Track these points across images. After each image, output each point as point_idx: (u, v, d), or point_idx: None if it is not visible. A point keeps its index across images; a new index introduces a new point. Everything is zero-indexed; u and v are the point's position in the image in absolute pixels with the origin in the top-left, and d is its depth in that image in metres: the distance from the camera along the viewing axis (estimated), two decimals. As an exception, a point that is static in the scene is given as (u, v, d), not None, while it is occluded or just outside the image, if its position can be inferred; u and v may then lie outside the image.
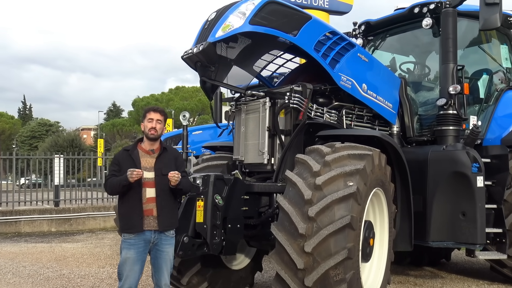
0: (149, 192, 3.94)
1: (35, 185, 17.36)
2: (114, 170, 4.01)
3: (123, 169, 3.90)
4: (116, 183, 3.90)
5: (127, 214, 3.95)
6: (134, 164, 3.91)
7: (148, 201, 3.94)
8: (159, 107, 4.40)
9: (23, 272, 7.47)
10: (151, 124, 4.03)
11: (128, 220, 3.94)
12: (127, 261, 3.92)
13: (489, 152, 5.94)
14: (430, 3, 6.02)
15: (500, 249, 5.77)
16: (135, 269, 3.93)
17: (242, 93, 5.06)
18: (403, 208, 5.14)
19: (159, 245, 4.00)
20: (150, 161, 4.03)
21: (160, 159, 4.05)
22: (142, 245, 3.94)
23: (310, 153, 4.47)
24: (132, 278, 3.92)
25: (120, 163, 4.00)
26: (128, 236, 3.93)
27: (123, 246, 3.95)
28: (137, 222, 3.90)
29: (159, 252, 4.02)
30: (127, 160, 3.98)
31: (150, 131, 4.03)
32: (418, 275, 7.03)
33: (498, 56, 6.61)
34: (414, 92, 6.56)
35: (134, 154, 4.01)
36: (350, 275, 3.92)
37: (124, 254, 3.94)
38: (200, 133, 9.48)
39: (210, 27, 4.55)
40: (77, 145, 40.52)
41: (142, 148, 4.08)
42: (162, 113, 4.12)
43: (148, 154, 4.05)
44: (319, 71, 5.02)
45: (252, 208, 4.79)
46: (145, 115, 4.09)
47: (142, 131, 4.14)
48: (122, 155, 4.08)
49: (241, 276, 5.62)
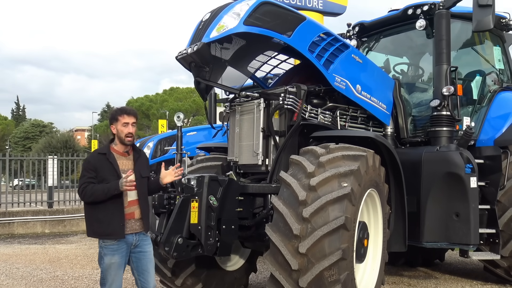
0: (130, 195, 3.86)
1: (29, 187, 17.26)
2: (90, 176, 3.78)
3: (101, 174, 3.78)
4: (100, 192, 3.71)
5: (106, 220, 3.78)
6: (113, 169, 3.81)
7: (130, 204, 3.89)
8: (130, 107, 4.27)
9: (16, 273, 7.43)
10: (127, 129, 3.89)
11: (108, 226, 3.78)
12: (111, 267, 3.82)
13: (482, 153, 5.97)
14: (423, 4, 6.04)
15: (493, 249, 5.79)
16: (119, 274, 3.88)
17: (236, 94, 5.05)
18: (397, 209, 5.15)
19: (141, 246, 3.95)
20: (127, 163, 3.94)
21: (138, 161, 3.99)
22: (125, 249, 3.87)
23: (304, 154, 4.47)
24: (118, 282, 3.87)
25: (97, 168, 3.81)
26: (110, 242, 3.82)
27: (105, 252, 3.82)
28: (119, 229, 3.79)
29: (142, 253, 3.97)
30: (105, 165, 3.83)
31: (127, 137, 3.89)
32: (412, 275, 7.05)
33: (491, 58, 6.65)
34: (408, 93, 6.58)
35: (111, 158, 3.87)
36: (345, 275, 3.92)
37: (108, 260, 3.82)
38: (195, 134, 9.48)
39: (204, 28, 4.55)
40: (71, 146, 40.45)
41: (116, 151, 3.95)
42: (135, 115, 3.99)
43: (123, 156, 3.97)
44: (313, 72, 5.03)
45: (247, 209, 4.78)
46: (118, 118, 3.90)
47: (113, 134, 3.98)
48: (97, 160, 3.89)
49: (236, 277, 5.61)
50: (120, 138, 3.93)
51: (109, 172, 3.81)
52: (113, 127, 3.96)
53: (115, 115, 3.95)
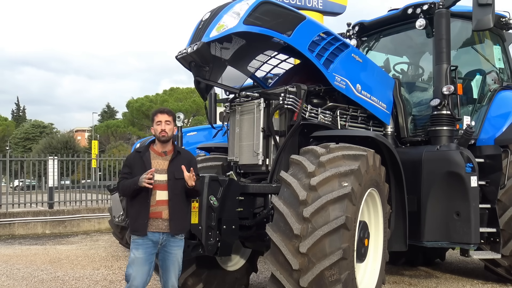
0: (160, 194, 3.92)
1: (29, 187, 17.27)
2: (125, 172, 4.03)
3: (134, 172, 3.93)
4: (126, 187, 3.93)
5: (134, 216, 3.97)
6: (144, 167, 3.91)
7: (158, 204, 3.93)
8: (166, 107, 4.41)
9: (17, 274, 7.42)
10: (160, 127, 4.03)
11: (134, 222, 3.96)
12: (135, 261, 3.92)
13: (483, 152, 5.97)
14: (423, 4, 6.04)
15: (494, 248, 5.80)
16: (143, 270, 3.92)
17: (236, 93, 5.05)
18: (397, 208, 5.15)
19: (167, 246, 4.00)
20: (162, 163, 4.01)
21: (174, 162, 4.02)
22: (150, 245, 3.94)
23: (304, 153, 4.47)
24: (140, 278, 3.90)
25: (131, 166, 4.03)
26: (135, 237, 3.96)
27: (132, 247, 3.97)
28: (142, 226, 3.90)
29: (167, 254, 4.02)
30: (138, 163, 4.00)
31: (161, 133, 4.02)
32: (413, 275, 7.05)
33: (491, 57, 6.65)
34: (408, 92, 6.58)
35: (146, 157, 4.01)
36: (345, 275, 3.92)
37: (132, 255, 3.95)
38: (195, 134, 9.47)
39: (204, 27, 4.55)
40: (71, 147, 40.46)
41: (154, 150, 4.08)
42: (169, 113, 4.12)
43: (160, 156, 4.05)
44: (313, 72, 5.02)
45: (247, 209, 4.79)
46: (153, 119, 4.10)
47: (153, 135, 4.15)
48: (133, 158, 4.11)
49: (236, 277, 5.61)
50: (156, 136, 4.07)
51: (140, 170, 3.90)
52: (152, 129, 4.14)
53: (152, 116, 4.15)
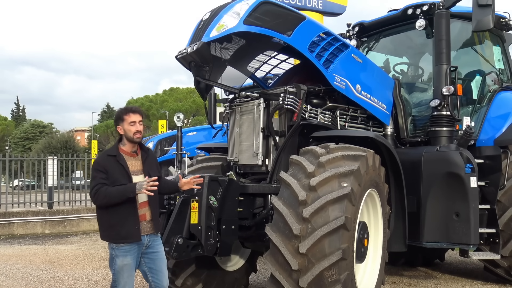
0: (141, 196, 3.81)
1: (29, 187, 17.26)
2: (102, 177, 3.71)
3: (112, 177, 3.72)
4: (115, 194, 3.65)
5: (120, 223, 3.72)
6: (124, 171, 3.77)
7: (141, 206, 3.85)
8: (135, 106, 4.23)
9: (16, 274, 7.42)
10: (135, 128, 3.84)
11: (122, 229, 3.72)
12: (124, 268, 3.77)
13: (482, 152, 5.96)
14: (423, 4, 6.05)
15: (493, 249, 5.80)
16: (132, 276, 3.84)
17: (236, 93, 5.05)
18: (397, 208, 5.15)
19: (153, 247, 3.93)
20: (136, 164, 3.90)
21: (147, 162, 3.97)
22: (136, 250, 3.83)
23: (304, 154, 4.47)
24: (131, 284, 3.84)
25: (107, 170, 3.74)
26: (122, 244, 3.76)
27: (117, 254, 3.76)
28: (134, 231, 3.74)
29: (155, 253, 3.95)
30: (115, 167, 3.78)
31: (135, 135, 3.84)
32: (412, 275, 7.04)
33: (491, 57, 6.65)
34: (408, 93, 6.58)
35: (121, 159, 3.83)
36: (345, 275, 3.92)
37: (120, 262, 3.76)
38: (195, 134, 9.48)
39: (204, 27, 4.55)
40: (70, 147, 40.40)
41: (124, 151, 3.90)
42: (141, 112, 3.97)
43: (132, 156, 3.92)
44: (313, 72, 5.02)
45: (247, 209, 4.79)
46: (124, 118, 3.85)
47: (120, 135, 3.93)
48: (107, 161, 3.82)
49: (236, 278, 5.60)
50: (129, 137, 3.87)
51: (120, 174, 3.74)
52: (119, 128, 3.90)
53: (120, 115, 3.90)
